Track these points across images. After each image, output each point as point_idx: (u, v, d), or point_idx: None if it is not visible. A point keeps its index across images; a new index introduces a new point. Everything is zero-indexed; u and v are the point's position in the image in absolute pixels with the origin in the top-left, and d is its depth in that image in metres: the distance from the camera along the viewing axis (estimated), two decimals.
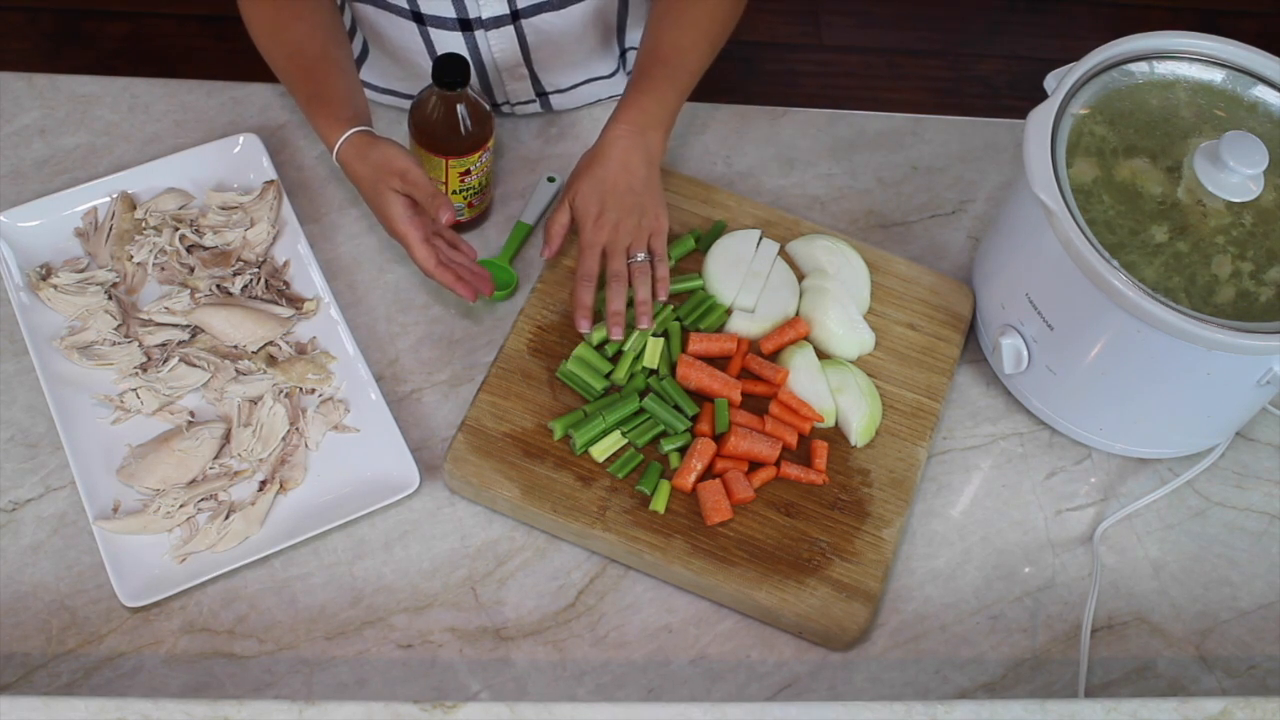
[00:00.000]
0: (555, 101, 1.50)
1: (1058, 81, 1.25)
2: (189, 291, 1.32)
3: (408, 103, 1.41)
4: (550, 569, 1.23)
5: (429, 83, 1.29)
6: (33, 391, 1.27)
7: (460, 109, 1.30)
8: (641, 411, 1.27)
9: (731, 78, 2.59)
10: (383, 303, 1.36)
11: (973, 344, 1.38)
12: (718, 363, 1.31)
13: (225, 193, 1.38)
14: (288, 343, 1.31)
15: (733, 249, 1.36)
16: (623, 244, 1.26)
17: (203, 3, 2.65)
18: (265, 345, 1.30)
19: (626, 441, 1.26)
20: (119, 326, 1.29)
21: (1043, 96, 1.25)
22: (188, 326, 1.31)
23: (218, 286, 1.33)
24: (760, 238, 1.38)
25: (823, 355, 1.33)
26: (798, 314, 1.35)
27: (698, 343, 1.30)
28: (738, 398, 1.28)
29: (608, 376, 1.28)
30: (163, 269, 1.34)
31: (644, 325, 1.25)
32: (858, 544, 1.23)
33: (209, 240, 1.35)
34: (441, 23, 1.37)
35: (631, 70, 1.32)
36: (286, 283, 1.35)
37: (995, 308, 1.32)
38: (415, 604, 1.21)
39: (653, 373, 1.29)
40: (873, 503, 1.26)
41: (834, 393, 1.29)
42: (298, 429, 1.26)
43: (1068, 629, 1.24)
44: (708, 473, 1.25)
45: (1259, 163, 1.19)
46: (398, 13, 1.37)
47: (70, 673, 1.15)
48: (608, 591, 1.23)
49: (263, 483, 1.24)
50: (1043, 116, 1.22)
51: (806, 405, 1.28)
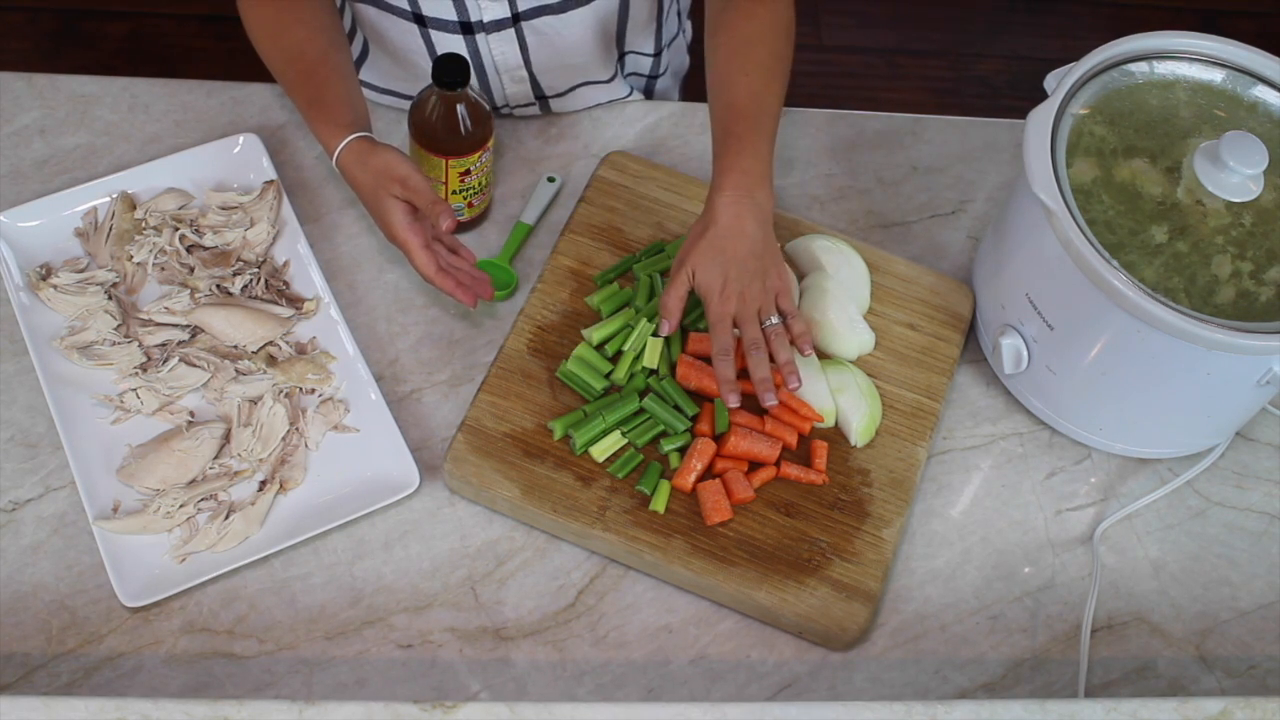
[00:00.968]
0: (554, 105, 1.50)
1: (1058, 81, 1.25)
2: (189, 291, 1.32)
3: (408, 103, 1.41)
4: (550, 569, 1.23)
5: (429, 83, 1.29)
6: (33, 391, 1.27)
7: (460, 109, 1.30)
8: (641, 411, 1.27)
9: None
10: (383, 303, 1.36)
11: (973, 344, 1.38)
12: None
13: (225, 193, 1.38)
14: (288, 343, 1.31)
15: None
16: (752, 311, 1.23)
17: (203, 3, 2.65)
18: (265, 345, 1.30)
19: (626, 441, 1.26)
20: (119, 326, 1.29)
21: (1043, 96, 1.24)
22: (188, 326, 1.31)
23: (218, 286, 1.33)
24: None
25: (823, 355, 1.32)
26: None
27: (698, 343, 1.30)
28: None
29: (608, 376, 1.28)
30: (163, 269, 1.34)
31: (793, 386, 1.23)
32: (858, 544, 1.23)
33: (209, 240, 1.35)
34: (443, 25, 1.37)
35: (713, 130, 1.29)
36: (286, 283, 1.35)
37: (995, 308, 1.32)
38: (415, 604, 1.21)
39: (653, 373, 1.29)
40: (873, 503, 1.26)
41: (834, 393, 1.29)
42: (298, 429, 1.26)
43: (1068, 629, 1.24)
44: (708, 473, 1.25)
45: (1259, 163, 1.19)
46: (399, 14, 1.37)
47: (70, 673, 1.15)
48: (608, 591, 1.23)
49: (263, 483, 1.24)
50: (1043, 116, 1.22)
51: (806, 405, 1.28)
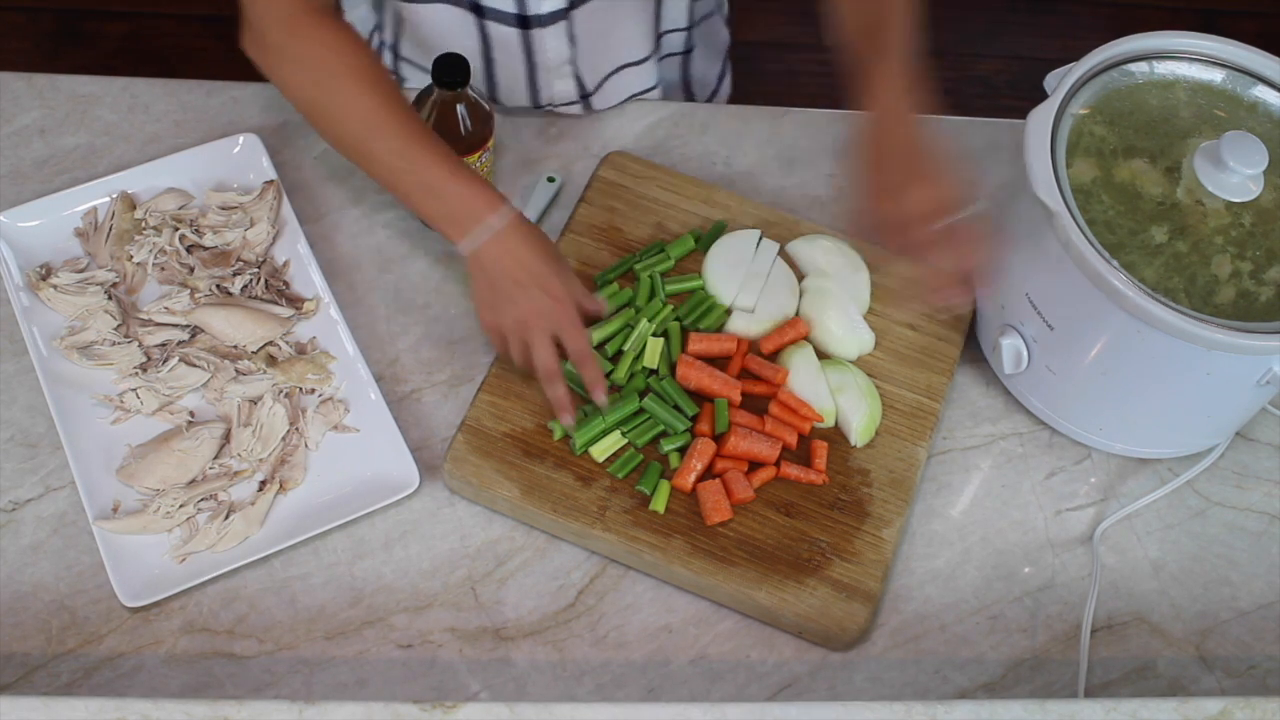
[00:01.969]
0: (595, 102, 1.48)
1: (1058, 81, 1.25)
2: (189, 291, 1.32)
3: None
4: (550, 569, 1.23)
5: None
6: (33, 391, 1.27)
7: (460, 109, 1.30)
8: (641, 411, 1.27)
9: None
10: (383, 303, 1.36)
11: (973, 344, 1.38)
12: (717, 363, 1.30)
13: (225, 193, 1.38)
14: (287, 343, 1.31)
15: (733, 249, 1.36)
16: (937, 212, 1.17)
17: (203, 3, 2.65)
18: (265, 345, 1.30)
19: (626, 441, 1.26)
20: (119, 326, 1.29)
21: (1043, 96, 1.24)
22: (188, 326, 1.31)
23: (218, 286, 1.33)
24: (760, 238, 1.38)
25: (823, 355, 1.32)
26: (797, 314, 1.34)
27: (697, 343, 1.30)
28: (737, 398, 1.28)
29: (607, 376, 1.28)
30: (163, 269, 1.34)
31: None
32: (858, 544, 1.23)
33: (209, 240, 1.35)
34: (501, 17, 1.36)
35: (852, 56, 1.23)
36: (286, 283, 1.35)
37: (995, 308, 1.32)
38: (415, 604, 1.21)
39: (652, 373, 1.29)
40: (873, 503, 1.26)
41: (834, 393, 1.29)
42: (298, 429, 1.26)
43: (1068, 629, 1.24)
44: (708, 473, 1.25)
45: (1259, 163, 1.19)
46: (453, 1, 1.35)
47: (70, 673, 1.15)
48: (608, 591, 1.23)
49: (263, 483, 1.24)
50: (1043, 116, 1.22)
51: (806, 405, 1.28)
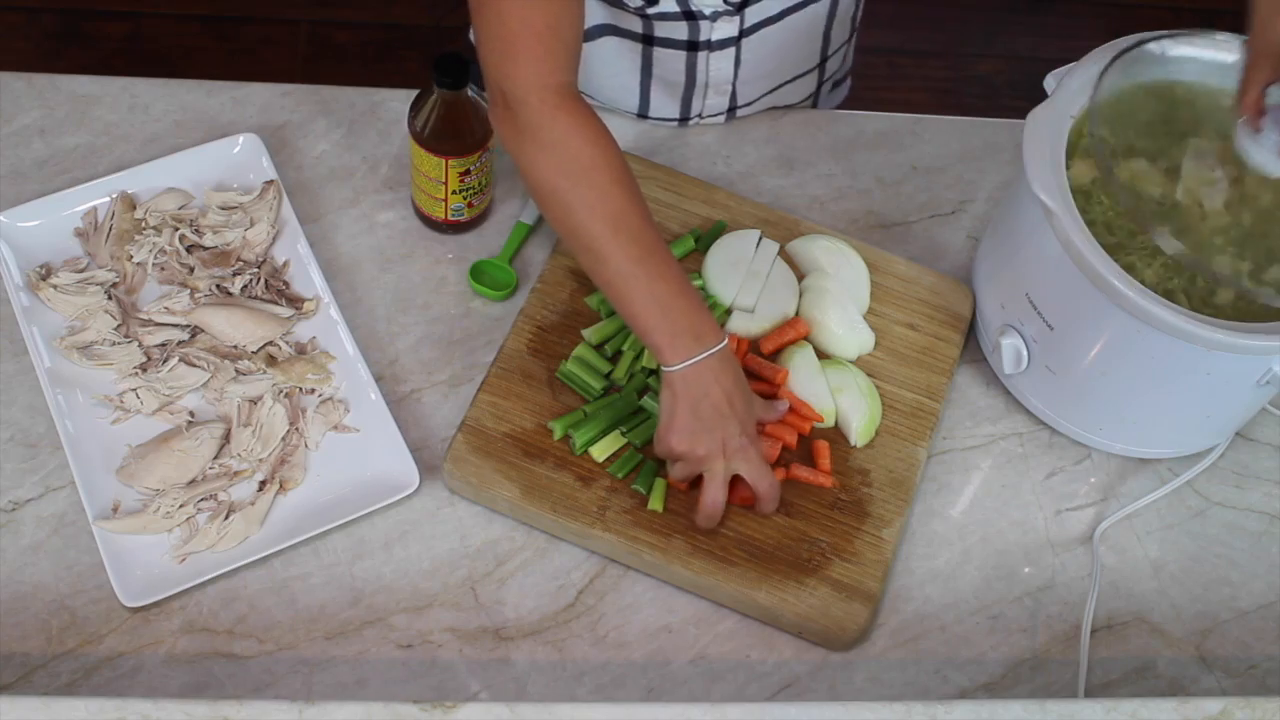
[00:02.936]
0: (740, 114, 1.49)
1: (1058, 81, 1.25)
2: (189, 291, 1.32)
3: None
4: (550, 569, 1.23)
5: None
6: (33, 391, 1.27)
7: (461, 109, 1.30)
8: (641, 411, 1.27)
9: None
10: (383, 303, 1.36)
11: (973, 344, 1.38)
12: None
13: (225, 193, 1.38)
14: (287, 343, 1.31)
15: (733, 249, 1.36)
16: None
17: (203, 3, 2.65)
18: (265, 345, 1.30)
19: (626, 441, 1.26)
20: (119, 326, 1.29)
21: (1042, 96, 1.24)
22: (187, 326, 1.31)
23: (217, 286, 1.33)
24: (760, 238, 1.38)
25: (822, 355, 1.32)
26: (797, 314, 1.34)
27: None
28: None
29: (608, 376, 1.28)
30: (163, 269, 1.34)
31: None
32: (857, 544, 1.23)
33: (209, 240, 1.35)
34: (671, 44, 1.37)
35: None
36: (286, 283, 1.35)
37: (995, 308, 1.32)
38: (415, 604, 1.21)
39: (652, 373, 1.29)
40: (872, 503, 1.26)
41: (834, 393, 1.29)
42: (297, 429, 1.26)
43: (1068, 629, 1.24)
44: None
45: None
46: (627, 35, 1.36)
47: (70, 673, 1.15)
48: (608, 591, 1.23)
49: (262, 483, 1.24)
50: (1042, 116, 1.22)
51: (806, 405, 1.28)
